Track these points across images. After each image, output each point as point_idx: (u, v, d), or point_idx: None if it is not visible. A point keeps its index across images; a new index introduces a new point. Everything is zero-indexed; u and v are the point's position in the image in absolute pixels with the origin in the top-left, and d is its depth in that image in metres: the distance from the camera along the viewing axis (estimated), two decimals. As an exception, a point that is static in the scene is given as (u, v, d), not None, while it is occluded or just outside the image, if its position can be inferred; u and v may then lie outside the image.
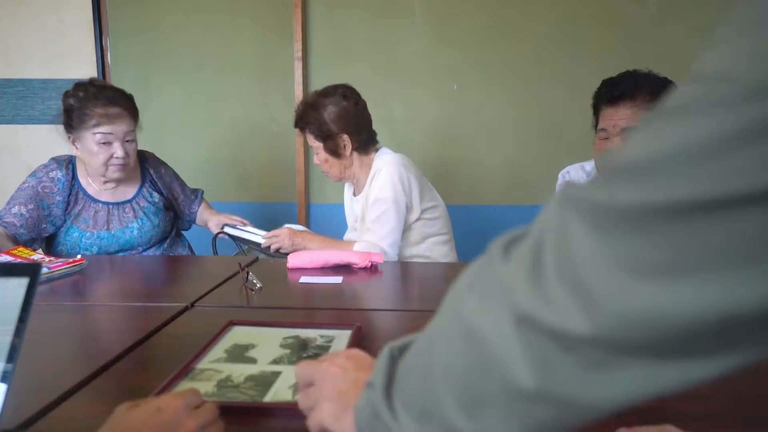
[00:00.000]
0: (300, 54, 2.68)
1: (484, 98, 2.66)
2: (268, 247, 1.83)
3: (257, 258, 1.69)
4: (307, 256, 1.53)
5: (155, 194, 1.92)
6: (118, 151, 1.72)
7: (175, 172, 2.05)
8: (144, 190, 1.90)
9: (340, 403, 0.55)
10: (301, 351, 0.86)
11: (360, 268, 1.50)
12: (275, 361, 0.82)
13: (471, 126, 2.68)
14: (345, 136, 1.82)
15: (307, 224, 2.75)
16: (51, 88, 2.80)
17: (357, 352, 0.62)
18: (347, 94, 1.84)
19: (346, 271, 1.49)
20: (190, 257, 1.96)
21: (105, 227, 1.80)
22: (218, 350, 0.87)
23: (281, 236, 1.80)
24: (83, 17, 2.75)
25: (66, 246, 1.78)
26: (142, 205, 1.87)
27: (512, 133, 2.67)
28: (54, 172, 1.78)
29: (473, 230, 2.35)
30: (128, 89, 1.85)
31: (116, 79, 2.78)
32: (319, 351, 0.86)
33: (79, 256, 1.53)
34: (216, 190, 2.79)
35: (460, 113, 2.68)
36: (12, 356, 0.57)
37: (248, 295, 1.27)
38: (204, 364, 0.82)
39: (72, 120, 1.71)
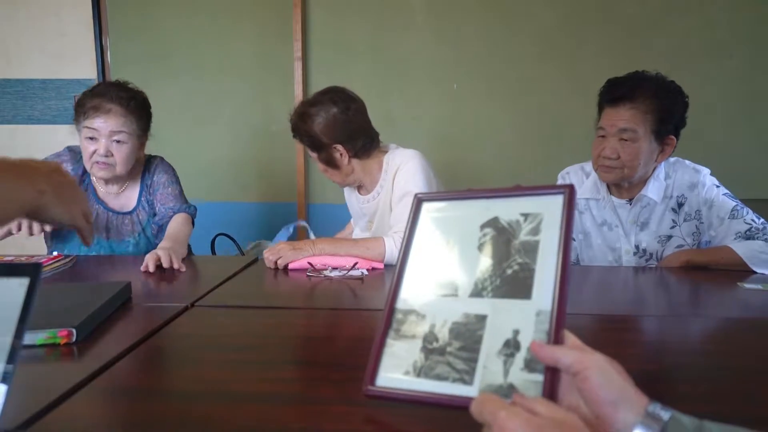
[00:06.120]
0: (300, 54, 2.67)
1: (484, 98, 2.66)
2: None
3: (257, 258, 1.69)
4: (311, 260, 1.51)
5: (147, 204, 1.85)
6: (100, 148, 1.66)
7: (171, 180, 1.87)
8: (143, 199, 1.85)
9: None
10: (504, 264, 0.68)
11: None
12: (476, 293, 0.68)
13: (471, 126, 2.68)
14: (339, 146, 1.70)
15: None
16: (51, 88, 2.79)
17: (572, 419, 0.46)
18: (336, 99, 1.69)
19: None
20: (189, 257, 1.95)
21: (104, 234, 1.79)
22: (417, 251, 0.74)
23: (278, 248, 1.55)
24: (83, 17, 2.75)
25: (69, 244, 1.77)
26: (141, 217, 1.83)
27: (512, 133, 2.66)
28: (67, 164, 1.77)
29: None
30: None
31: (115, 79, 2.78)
32: (529, 249, 0.67)
33: (55, 253, 1.52)
34: (216, 190, 2.79)
35: (460, 113, 2.68)
36: (12, 357, 0.56)
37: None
38: (406, 299, 0.71)
39: (77, 113, 1.70)
